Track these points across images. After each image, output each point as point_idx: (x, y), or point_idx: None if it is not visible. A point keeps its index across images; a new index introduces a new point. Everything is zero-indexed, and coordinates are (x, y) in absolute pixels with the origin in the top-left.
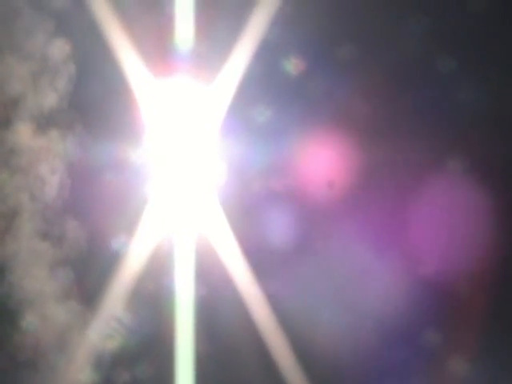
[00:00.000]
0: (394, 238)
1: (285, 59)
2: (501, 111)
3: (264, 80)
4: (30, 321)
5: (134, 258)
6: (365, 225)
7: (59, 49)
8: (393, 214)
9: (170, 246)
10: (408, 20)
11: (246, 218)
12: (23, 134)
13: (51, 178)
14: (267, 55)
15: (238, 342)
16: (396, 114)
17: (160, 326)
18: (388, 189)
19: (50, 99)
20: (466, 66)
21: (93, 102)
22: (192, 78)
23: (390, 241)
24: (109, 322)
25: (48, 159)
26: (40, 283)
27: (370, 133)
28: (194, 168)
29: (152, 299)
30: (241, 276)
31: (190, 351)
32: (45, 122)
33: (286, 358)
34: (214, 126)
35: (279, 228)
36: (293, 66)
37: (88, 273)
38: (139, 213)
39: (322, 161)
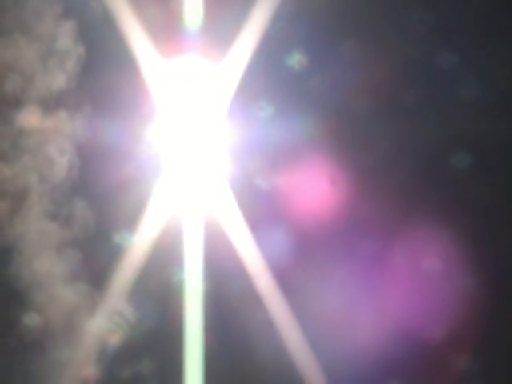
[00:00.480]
0: (395, 230)
1: (294, 42)
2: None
3: (273, 60)
4: (37, 301)
5: (143, 240)
6: (368, 214)
7: (68, 30)
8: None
9: (179, 228)
10: (412, 15)
11: (254, 200)
12: (32, 115)
13: (60, 159)
14: (277, 36)
15: (248, 333)
16: (399, 109)
17: (168, 310)
18: (389, 186)
19: (59, 81)
20: (472, 62)
21: (102, 83)
22: (201, 58)
23: (392, 230)
24: (117, 304)
25: (57, 140)
26: (48, 264)
27: (372, 128)
28: (202, 149)
29: (161, 283)
30: (251, 265)
31: (198, 335)
32: (54, 104)
33: (298, 350)
34: (222, 107)
35: (289, 212)
36: (302, 51)
37: (96, 254)
38: (148, 194)
39: (326, 147)
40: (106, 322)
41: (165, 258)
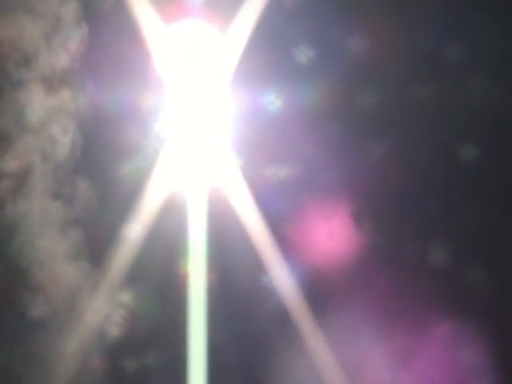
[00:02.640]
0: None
1: (301, 12)
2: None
3: (277, 28)
4: (40, 280)
5: (146, 219)
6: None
7: (71, 9)
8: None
9: (183, 207)
10: (420, 7)
11: (259, 170)
12: (36, 93)
13: (63, 138)
14: (283, 6)
15: (254, 322)
16: (407, 103)
17: (171, 291)
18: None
19: (62, 59)
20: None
21: (105, 56)
22: (206, 25)
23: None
24: (118, 283)
25: (60, 119)
26: (51, 243)
27: (382, 120)
28: (206, 119)
29: (164, 263)
30: (261, 248)
31: (201, 318)
32: (57, 82)
33: (308, 346)
34: (226, 75)
35: (295, 182)
36: (309, 23)
37: (99, 233)
38: (152, 174)
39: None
40: (107, 303)
41: (168, 238)
